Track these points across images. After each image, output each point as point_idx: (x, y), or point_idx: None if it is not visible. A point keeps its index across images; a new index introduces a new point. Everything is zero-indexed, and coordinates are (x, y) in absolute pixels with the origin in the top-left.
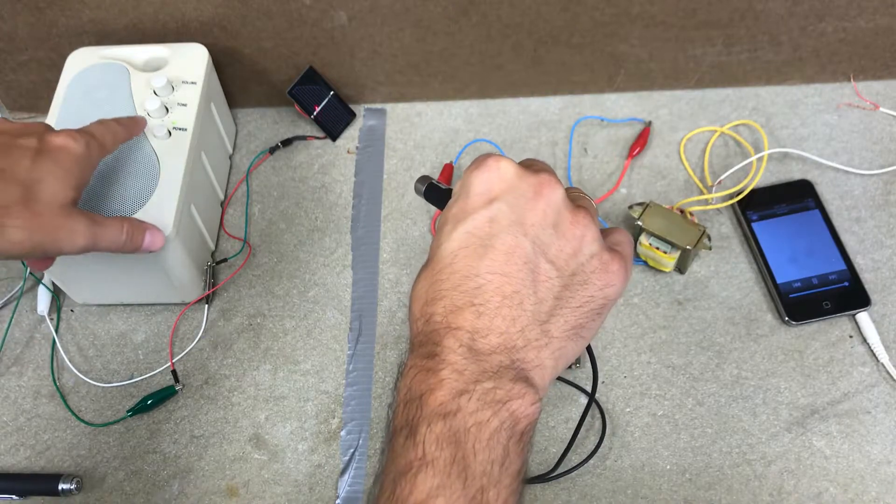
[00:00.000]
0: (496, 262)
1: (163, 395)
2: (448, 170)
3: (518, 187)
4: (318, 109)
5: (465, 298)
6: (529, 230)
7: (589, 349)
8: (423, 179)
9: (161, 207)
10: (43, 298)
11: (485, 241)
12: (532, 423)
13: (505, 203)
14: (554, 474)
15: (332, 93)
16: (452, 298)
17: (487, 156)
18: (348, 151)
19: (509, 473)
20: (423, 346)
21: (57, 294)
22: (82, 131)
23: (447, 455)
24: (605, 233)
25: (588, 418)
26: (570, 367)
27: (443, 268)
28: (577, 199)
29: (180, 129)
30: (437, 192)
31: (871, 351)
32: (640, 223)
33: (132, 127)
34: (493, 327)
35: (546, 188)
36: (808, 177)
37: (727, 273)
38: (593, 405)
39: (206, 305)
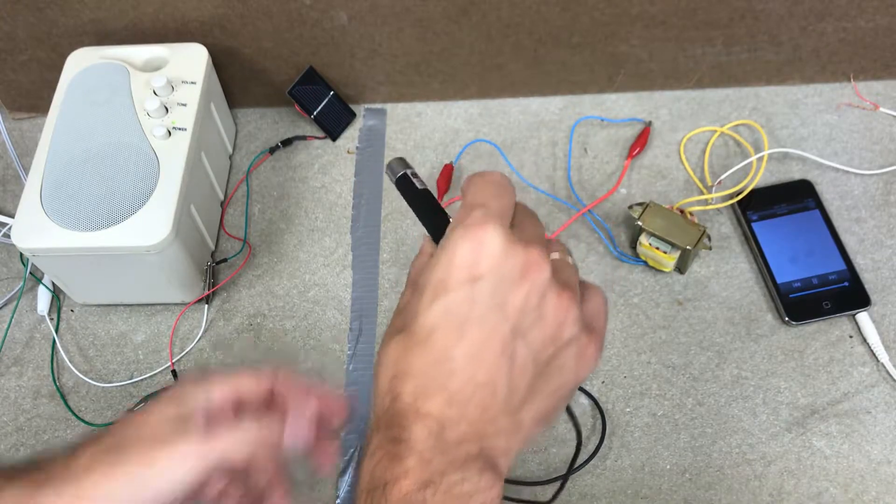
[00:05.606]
0: (473, 346)
1: None
2: (448, 171)
3: (504, 266)
4: (317, 109)
5: (437, 382)
6: (511, 314)
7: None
8: (400, 164)
9: (161, 207)
10: (43, 298)
11: (463, 322)
12: None
13: (488, 283)
14: (554, 480)
15: (332, 93)
16: (423, 380)
17: (476, 218)
18: (348, 151)
19: None
20: (389, 428)
21: (57, 294)
22: None
23: None
24: (582, 294)
25: (588, 418)
26: None
27: (416, 343)
28: (561, 269)
29: (180, 129)
30: (410, 189)
31: (871, 351)
32: (640, 223)
33: None
34: (464, 415)
35: (533, 270)
36: (808, 177)
37: (727, 273)
38: (593, 406)
39: (206, 305)
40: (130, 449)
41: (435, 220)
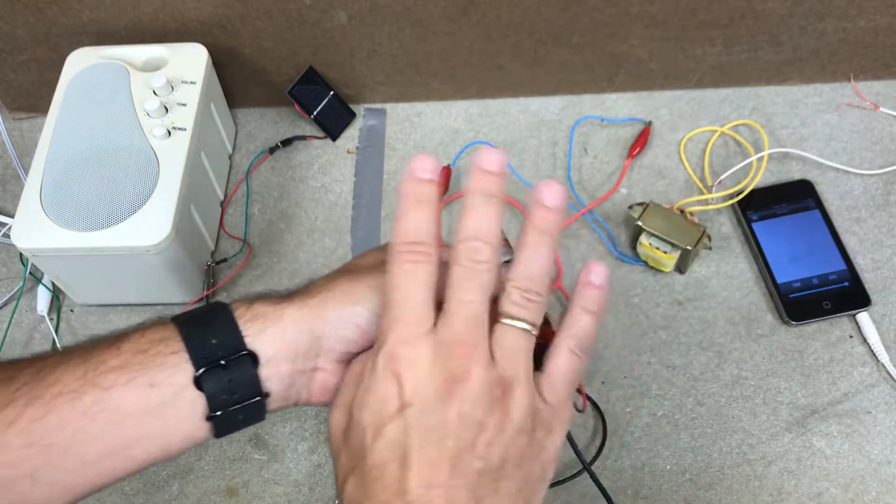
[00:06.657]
0: (423, 473)
1: None
2: (445, 173)
3: (428, 389)
4: (317, 109)
5: None
6: (451, 430)
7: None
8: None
9: (160, 207)
10: (43, 298)
11: (406, 451)
12: None
13: (417, 408)
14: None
15: (332, 93)
16: None
17: (394, 342)
18: (348, 151)
19: None
20: None
21: (57, 294)
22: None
23: None
24: (549, 355)
25: (588, 419)
26: None
27: (372, 481)
28: (504, 349)
29: (180, 129)
30: None
31: (872, 351)
32: (640, 223)
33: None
34: None
35: (458, 384)
36: (808, 177)
37: (727, 273)
38: (593, 407)
39: None
40: (363, 271)
41: None
